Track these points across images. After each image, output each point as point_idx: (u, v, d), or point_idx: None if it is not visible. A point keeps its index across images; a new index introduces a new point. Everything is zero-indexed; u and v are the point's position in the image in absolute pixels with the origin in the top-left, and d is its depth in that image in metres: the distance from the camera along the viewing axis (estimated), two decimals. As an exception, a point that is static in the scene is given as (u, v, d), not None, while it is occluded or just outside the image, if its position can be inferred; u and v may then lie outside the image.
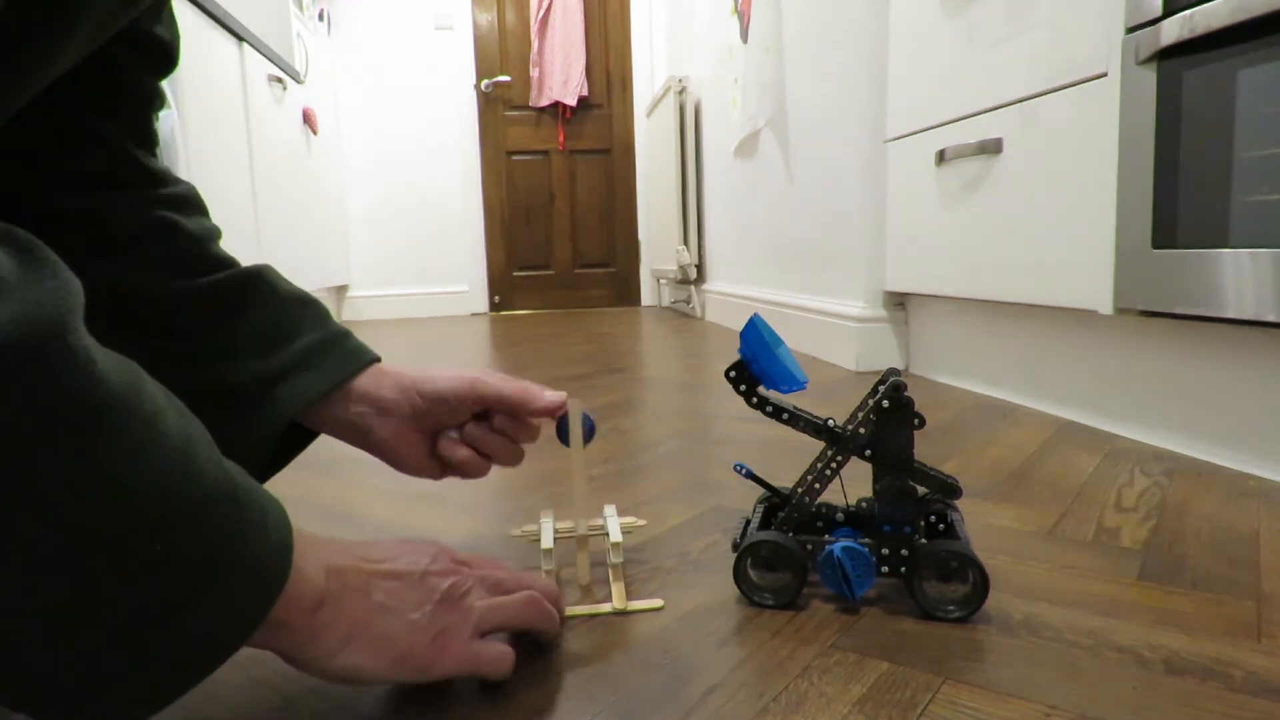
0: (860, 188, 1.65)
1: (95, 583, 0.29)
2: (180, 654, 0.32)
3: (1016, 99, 1.17)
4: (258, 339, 0.54)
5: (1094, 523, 0.71)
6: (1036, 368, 1.23)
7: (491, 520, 0.77)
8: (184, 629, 0.32)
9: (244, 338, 0.54)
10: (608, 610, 0.56)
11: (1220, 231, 0.84)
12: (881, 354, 1.63)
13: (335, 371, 0.56)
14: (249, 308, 0.55)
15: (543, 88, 3.76)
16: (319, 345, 0.56)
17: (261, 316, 0.55)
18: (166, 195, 0.56)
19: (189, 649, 0.33)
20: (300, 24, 2.88)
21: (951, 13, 1.32)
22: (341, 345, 0.58)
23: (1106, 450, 0.97)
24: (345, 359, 0.57)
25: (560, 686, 0.46)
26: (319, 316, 0.58)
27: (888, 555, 0.54)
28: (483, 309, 3.89)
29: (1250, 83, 0.80)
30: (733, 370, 0.56)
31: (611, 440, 1.09)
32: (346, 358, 0.57)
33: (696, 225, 3.10)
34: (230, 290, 0.55)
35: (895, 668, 0.47)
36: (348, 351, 0.58)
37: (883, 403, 0.54)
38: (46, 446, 0.27)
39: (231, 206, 2.13)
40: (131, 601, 0.30)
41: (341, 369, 0.56)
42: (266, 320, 0.55)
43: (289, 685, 0.47)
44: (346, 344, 0.58)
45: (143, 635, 0.31)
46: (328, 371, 0.56)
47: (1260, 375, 0.86)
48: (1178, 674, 0.46)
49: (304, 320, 0.57)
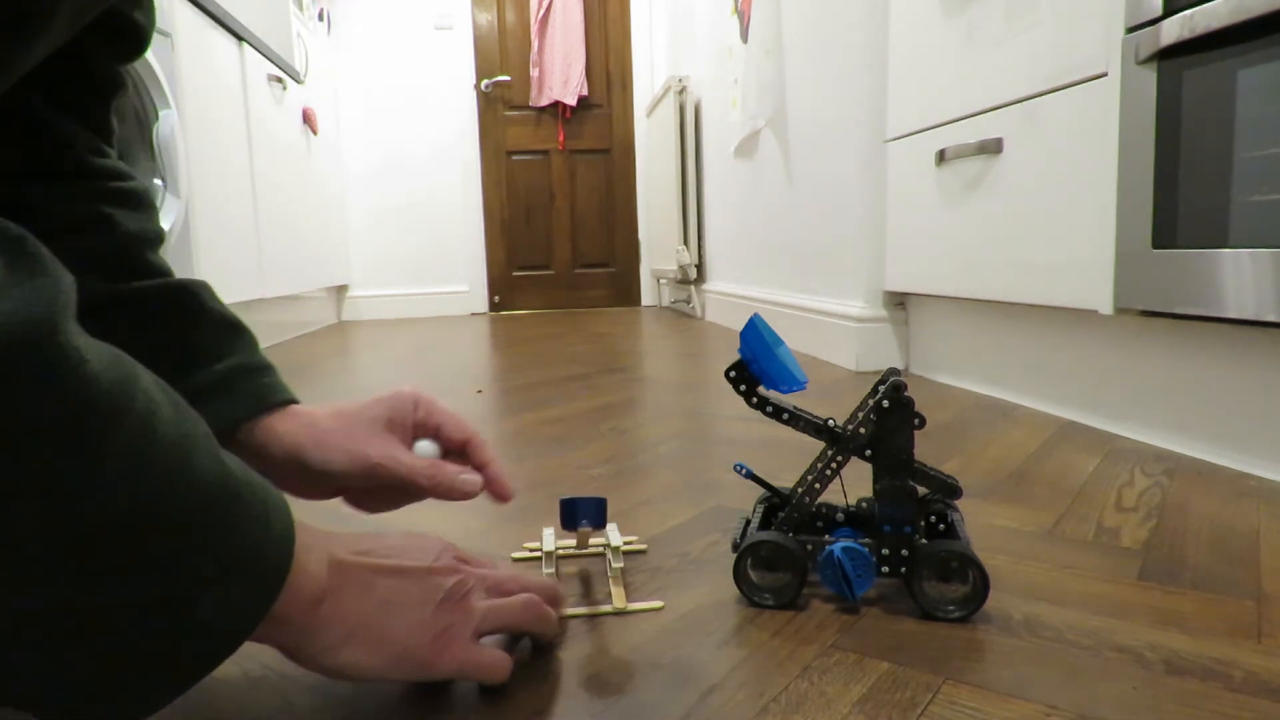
0: (860, 188, 1.65)
1: (94, 583, 0.29)
2: (182, 651, 0.32)
3: (1017, 99, 1.17)
4: (172, 355, 0.50)
5: (1094, 523, 0.71)
6: (1036, 368, 1.23)
7: (490, 518, 0.77)
8: (186, 626, 0.32)
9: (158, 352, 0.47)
10: (608, 611, 0.56)
11: (1220, 231, 0.84)
12: (881, 354, 1.63)
13: (231, 410, 0.51)
14: (171, 321, 0.51)
15: (543, 87, 3.76)
16: (226, 377, 0.52)
17: (182, 333, 0.51)
18: (109, 189, 0.51)
19: (191, 646, 0.32)
20: (300, 24, 2.88)
21: (951, 12, 1.32)
22: (253, 380, 0.53)
23: (1106, 450, 0.97)
24: (248, 399, 0.52)
25: (560, 686, 0.46)
26: (244, 344, 0.54)
27: (888, 555, 0.54)
28: (483, 309, 3.89)
29: (1250, 83, 0.80)
30: (733, 370, 0.56)
31: (611, 440, 1.09)
32: (248, 398, 0.52)
33: (696, 225, 3.10)
34: (156, 299, 0.51)
35: (895, 668, 0.47)
36: (254, 390, 0.52)
37: (883, 403, 0.54)
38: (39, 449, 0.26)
39: (231, 206, 2.13)
40: (131, 600, 0.30)
41: (238, 409, 0.51)
42: (186, 338, 0.51)
43: (289, 685, 0.47)
44: (259, 380, 0.53)
45: (144, 633, 0.31)
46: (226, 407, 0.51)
47: (1260, 375, 0.86)
48: (1178, 674, 0.46)
49: (225, 345, 0.53)
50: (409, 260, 3.80)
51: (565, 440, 1.10)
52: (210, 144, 1.99)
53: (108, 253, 0.50)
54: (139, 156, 1.67)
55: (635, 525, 0.74)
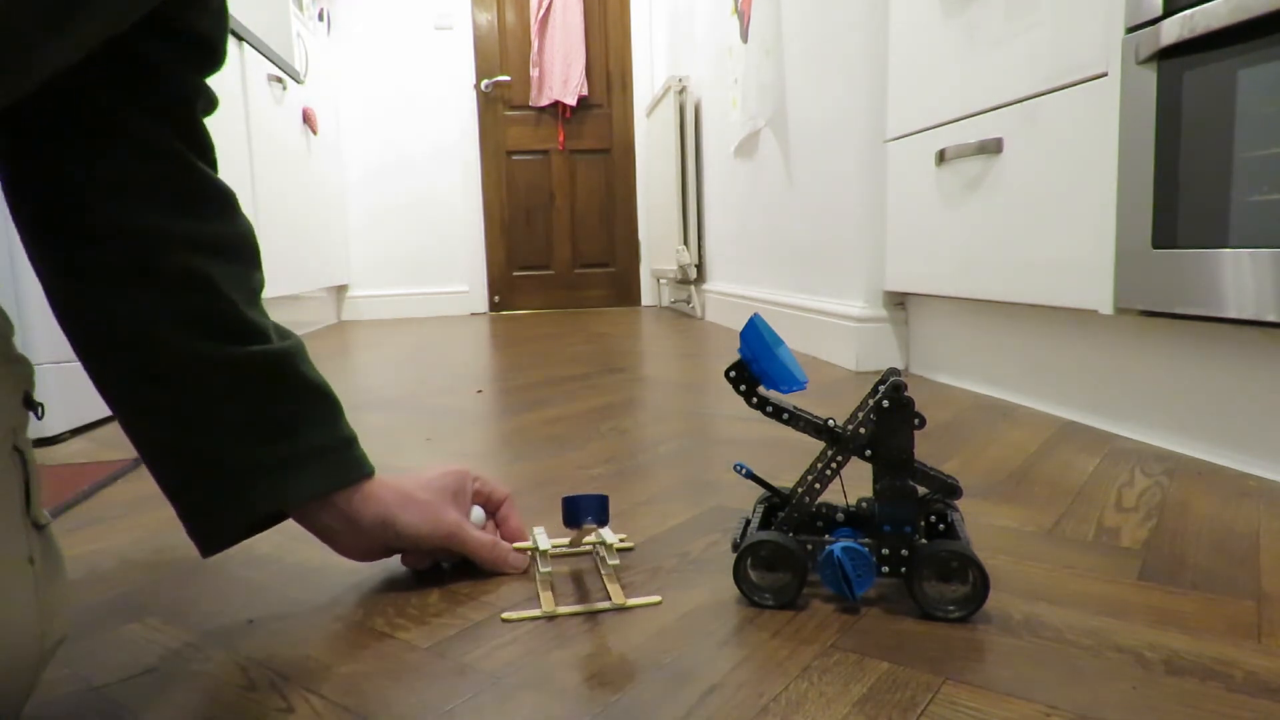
0: (860, 188, 1.65)
1: None
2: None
3: (1017, 99, 1.17)
4: (263, 424, 0.52)
5: (1094, 523, 0.71)
6: (1036, 368, 1.23)
7: (491, 520, 0.77)
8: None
9: (251, 419, 0.52)
10: (607, 607, 0.56)
11: (1220, 231, 0.84)
12: (881, 354, 1.63)
13: (326, 481, 0.55)
14: (265, 391, 0.52)
15: (543, 87, 3.75)
16: (320, 449, 0.54)
17: (274, 402, 0.53)
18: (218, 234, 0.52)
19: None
20: (300, 24, 2.88)
21: (951, 12, 1.32)
22: (342, 454, 0.56)
23: (1106, 450, 0.97)
24: (340, 470, 0.55)
25: (560, 686, 0.46)
26: (330, 414, 0.56)
27: (888, 555, 0.54)
28: (483, 309, 3.89)
29: (1250, 83, 0.80)
30: (733, 370, 0.56)
31: (611, 440, 1.09)
32: (342, 469, 0.56)
33: (696, 225, 3.10)
34: (254, 368, 0.52)
35: (895, 668, 0.47)
36: (345, 462, 0.56)
37: (883, 403, 0.54)
38: None
39: (231, 206, 2.13)
40: None
41: (332, 480, 0.55)
42: (278, 408, 0.53)
43: (289, 685, 0.47)
44: (347, 453, 0.56)
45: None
46: (320, 478, 0.54)
47: (1260, 375, 0.86)
48: (1178, 674, 0.46)
49: (314, 415, 0.55)
50: (409, 260, 3.80)
51: (565, 440, 1.10)
52: (210, 144, 1.99)
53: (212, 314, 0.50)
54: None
55: (635, 525, 0.74)
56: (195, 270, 0.50)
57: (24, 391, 0.42)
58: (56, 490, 0.90)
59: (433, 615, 0.56)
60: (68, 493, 0.89)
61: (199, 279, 0.50)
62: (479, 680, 0.47)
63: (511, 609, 0.56)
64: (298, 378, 0.54)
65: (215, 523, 0.52)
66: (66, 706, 0.45)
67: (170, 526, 0.78)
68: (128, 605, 0.59)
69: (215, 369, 0.50)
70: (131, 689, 0.47)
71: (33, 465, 0.42)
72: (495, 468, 0.96)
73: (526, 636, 0.52)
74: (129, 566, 0.67)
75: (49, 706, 0.45)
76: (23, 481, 0.41)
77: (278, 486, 0.52)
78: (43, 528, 0.42)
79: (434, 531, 0.58)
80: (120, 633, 0.55)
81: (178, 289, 0.49)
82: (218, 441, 0.51)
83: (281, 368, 0.53)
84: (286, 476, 0.52)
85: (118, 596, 0.61)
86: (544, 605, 0.56)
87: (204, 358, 0.50)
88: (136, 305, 0.49)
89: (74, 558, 0.69)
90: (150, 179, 0.49)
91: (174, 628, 0.55)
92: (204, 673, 0.49)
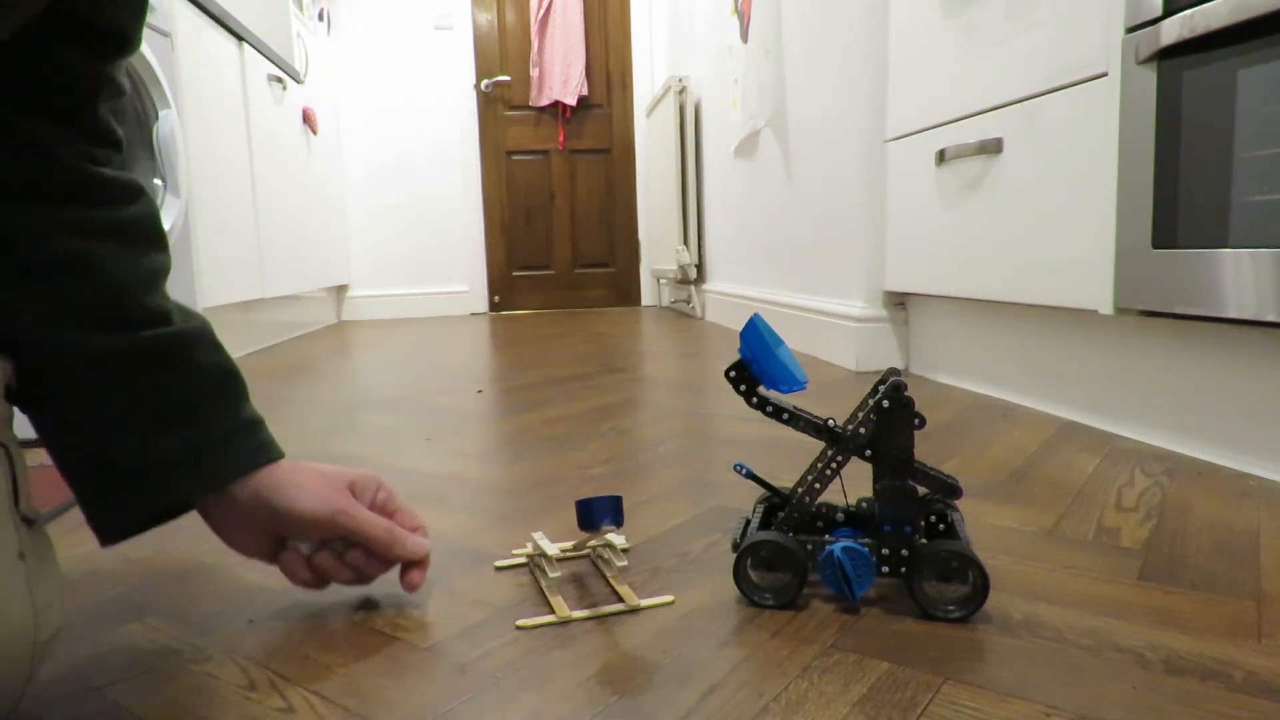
0: (860, 188, 1.65)
1: None
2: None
3: (1017, 99, 1.17)
4: (158, 413, 0.49)
5: (1094, 523, 0.71)
6: (1036, 368, 1.23)
7: (489, 518, 0.77)
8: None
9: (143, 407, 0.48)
10: (620, 609, 0.56)
11: (1220, 231, 0.84)
12: (881, 354, 1.63)
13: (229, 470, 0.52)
14: (159, 378, 0.49)
15: (543, 87, 3.75)
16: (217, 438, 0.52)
17: (169, 389, 0.50)
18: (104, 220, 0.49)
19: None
20: (300, 24, 2.88)
21: (951, 12, 1.32)
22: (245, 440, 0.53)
23: (1106, 450, 0.97)
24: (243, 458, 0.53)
25: (560, 687, 0.46)
26: (233, 397, 0.53)
27: (888, 555, 0.54)
28: (483, 309, 3.89)
29: (1250, 83, 0.80)
30: (733, 370, 0.56)
31: (611, 440, 1.09)
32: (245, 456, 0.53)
33: (696, 225, 3.10)
34: (143, 354, 0.49)
35: (895, 668, 0.47)
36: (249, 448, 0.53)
37: (883, 403, 0.54)
38: None
39: (231, 207, 2.13)
40: None
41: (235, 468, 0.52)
42: (171, 398, 0.50)
43: (289, 685, 0.47)
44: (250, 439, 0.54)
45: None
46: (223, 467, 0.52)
47: (1260, 375, 0.86)
48: (1178, 674, 0.46)
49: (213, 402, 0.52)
50: (409, 260, 3.80)
51: (565, 440, 1.10)
52: (210, 144, 1.99)
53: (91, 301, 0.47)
54: (139, 156, 1.67)
55: (635, 525, 0.74)
56: (70, 256, 0.47)
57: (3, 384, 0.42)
58: (56, 490, 0.90)
59: (433, 615, 0.56)
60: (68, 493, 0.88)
61: (75, 264, 0.47)
62: (479, 680, 0.47)
63: (523, 616, 0.56)
64: (194, 363, 0.51)
65: (111, 517, 0.50)
66: (66, 706, 0.45)
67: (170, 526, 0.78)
68: (128, 605, 0.59)
69: (95, 359, 0.47)
70: (131, 689, 0.47)
71: (20, 459, 0.42)
72: (495, 468, 0.96)
73: (526, 637, 0.52)
74: (129, 566, 0.67)
75: (49, 706, 0.45)
76: (10, 475, 0.40)
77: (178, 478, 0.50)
78: (33, 522, 0.42)
79: (318, 509, 0.53)
80: (120, 633, 0.55)
81: (45, 276, 0.46)
82: (110, 434, 0.48)
83: (176, 352, 0.50)
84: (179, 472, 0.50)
85: (118, 596, 0.61)
86: (557, 611, 0.55)
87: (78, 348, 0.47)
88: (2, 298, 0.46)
89: (74, 558, 0.69)
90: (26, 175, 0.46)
91: (174, 628, 0.55)
92: (204, 673, 0.49)
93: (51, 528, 0.79)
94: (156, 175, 1.69)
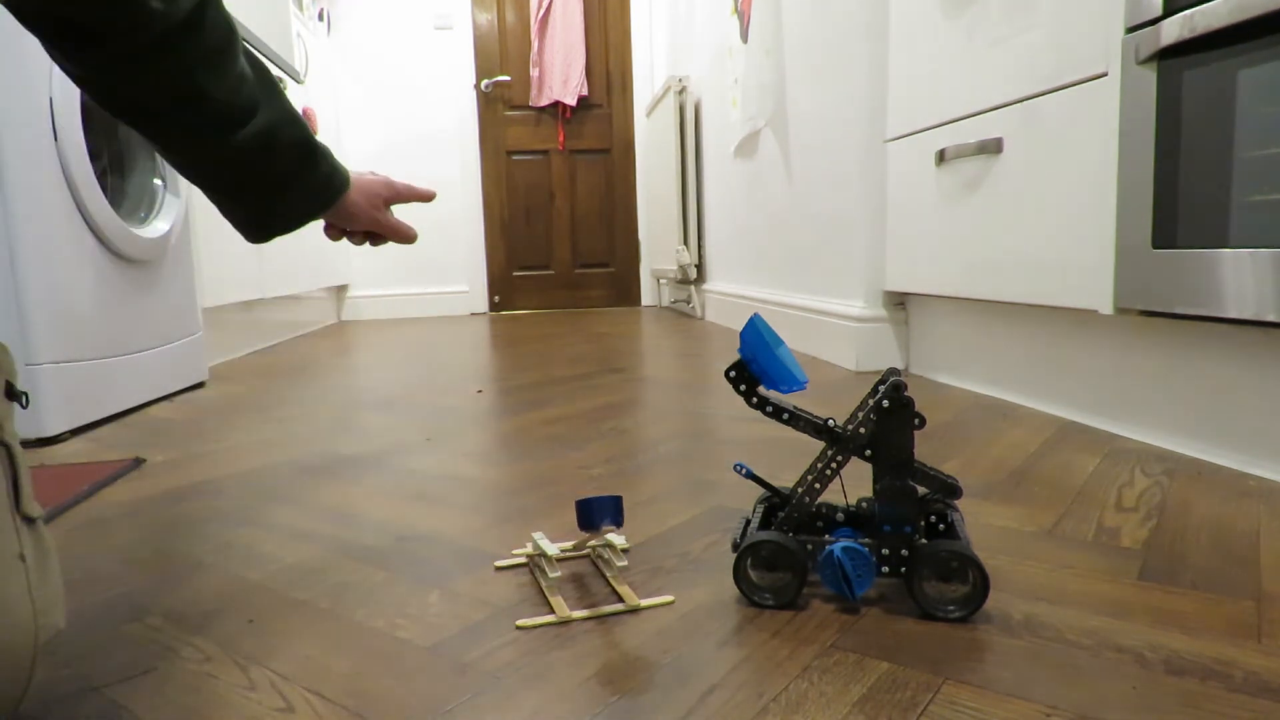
0: (860, 188, 1.65)
1: None
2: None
3: (1016, 99, 1.17)
4: (312, 153, 0.68)
5: (1094, 523, 0.71)
6: (1036, 368, 1.23)
7: (489, 518, 0.77)
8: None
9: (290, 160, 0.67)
10: (620, 609, 0.56)
11: (1220, 231, 0.84)
12: (881, 354, 1.63)
13: (345, 182, 0.72)
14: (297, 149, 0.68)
15: (543, 87, 3.75)
16: (338, 166, 0.71)
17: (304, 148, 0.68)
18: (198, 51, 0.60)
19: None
20: (300, 24, 2.88)
21: (951, 13, 1.32)
22: (341, 168, 0.73)
23: (1106, 450, 0.97)
24: (346, 175, 0.73)
25: (560, 686, 0.46)
26: (325, 148, 0.71)
27: (888, 555, 0.54)
28: (482, 309, 3.89)
29: (1250, 83, 0.80)
30: (733, 370, 0.56)
31: (611, 440, 1.09)
32: (345, 175, 0.73)
33: (696, 225, 3.10)
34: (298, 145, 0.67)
35: (895, 668, 0.47)
36: (343, 171, 0.73)
37: (883, 403, 0.54)
38: None
39: (231, 206, 2.13)
40: None
41: (345, 183, 0.72)
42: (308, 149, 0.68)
43: (289, 685, 0.47)
44: (341, 168, 0.73)
45: None
46: (346, 180, 0.72)
47: (1260, 375, 0.86)
48: (1178, 674, 0.46)
49: (322, 149, 0.70)
50: (409, 260, 3.80)
51: (565, 440, 1.10)
52: (210, 144, 1.99)
53: None
54: (139, 156, 1.66)
55: (635, 525, 0.74)
56: None
57: (4, 382, 0.42)
58: (56, 490, 0.90)
59: (433, 615, 0.56)
60: (68, 493, 0.89)
61: None
62: (479, 680, 0.47)
63: (523, 616, 0.56)
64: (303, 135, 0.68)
65: (290, 205, 0.67)
66: (66, 706, 0.45)
67: (170, 527, 0.78)
68: (128, 605, 0.59)
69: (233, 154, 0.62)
70: (131, 689, 0.47)
71: (20, 458, 0.42)
72: (495, 468, 0.96)
73: (526, 637, 0.52)
74: (129, 566, 0.67)
75: (49, 706, 0.45)
76: (10, 476, 0.40)
77: (337, 177, 0.70)
78: (33, 522, 0.42)
79: (367, 209, 0.74)
80: (120, 633, 0.55)
81: None
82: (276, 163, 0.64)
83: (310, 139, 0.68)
84: (338, 175, 0.70)
85: (118, 596, 0.61)
86: (557, 611, 0.55)
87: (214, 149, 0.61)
88: None
89: (74, 557, 0.69)
90: None
91: (174, 628, 0.55)
92: (204, 673, 0.49)
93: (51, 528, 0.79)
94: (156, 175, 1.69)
